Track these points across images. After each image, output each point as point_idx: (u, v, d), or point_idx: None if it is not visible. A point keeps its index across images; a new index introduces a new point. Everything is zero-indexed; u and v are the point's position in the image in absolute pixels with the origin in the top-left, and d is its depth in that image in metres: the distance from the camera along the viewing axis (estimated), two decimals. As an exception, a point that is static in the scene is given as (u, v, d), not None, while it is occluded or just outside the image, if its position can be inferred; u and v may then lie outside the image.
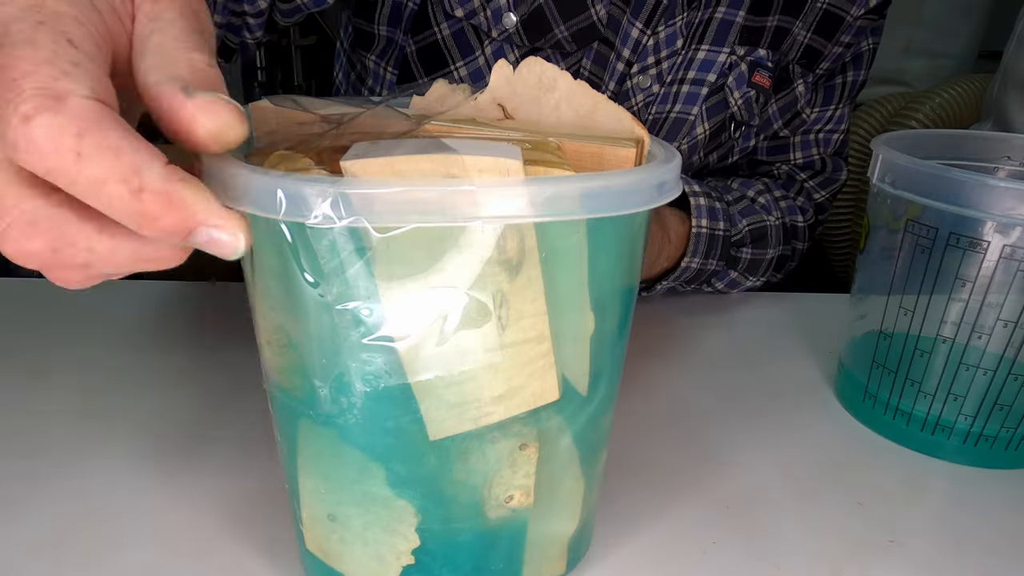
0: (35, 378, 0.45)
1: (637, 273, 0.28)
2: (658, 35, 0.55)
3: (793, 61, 0.61)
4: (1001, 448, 0.41)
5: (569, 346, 0.25)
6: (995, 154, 0.49)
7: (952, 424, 0.41)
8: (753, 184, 0.64)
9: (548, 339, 0.24)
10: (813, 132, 0.65)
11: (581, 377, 0.26)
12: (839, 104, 0.64)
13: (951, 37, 1.33)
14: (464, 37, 0.54)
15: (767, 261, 0.62)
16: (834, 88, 0.64)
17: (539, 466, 0.26)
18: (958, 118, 1.07)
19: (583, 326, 0.25)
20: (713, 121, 0.60)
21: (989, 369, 0.39)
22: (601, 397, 0.28)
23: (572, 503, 0.30)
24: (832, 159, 0.66)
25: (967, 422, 0.41)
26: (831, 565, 0.33)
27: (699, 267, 0.58)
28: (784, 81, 0.62)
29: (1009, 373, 0.39)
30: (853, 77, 0.64)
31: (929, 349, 0.41)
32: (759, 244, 0.61)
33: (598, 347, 0.26)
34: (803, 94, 0.62)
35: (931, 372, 0.41)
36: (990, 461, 0.42)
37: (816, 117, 0.64)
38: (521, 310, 0.23)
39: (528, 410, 0.25)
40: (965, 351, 0.40)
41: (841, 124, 0.65)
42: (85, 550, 0.32)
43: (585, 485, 0.30)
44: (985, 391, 0.40)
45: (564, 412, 0.26)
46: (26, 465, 0.37)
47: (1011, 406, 0.40)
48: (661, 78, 0.57)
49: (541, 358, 0.24)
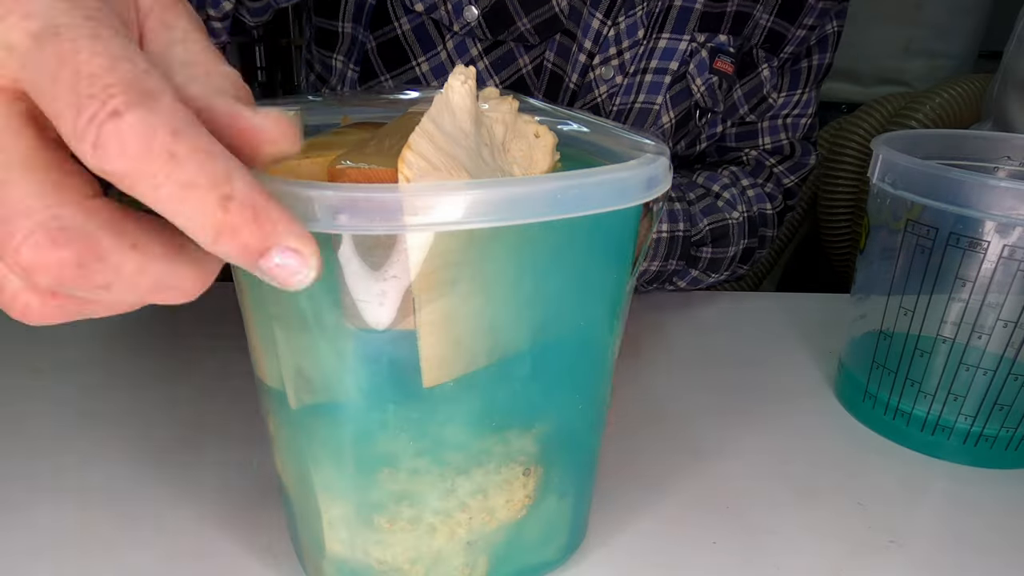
0: (35, 378, 0.45)
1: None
2: (619, 25, 0.55)
3: (756, 45, 0.61)
4: (1001, 448, 0.41)
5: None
6: (995, 154, 0.49)
7: (952, 424, 0.41)
8: (719, 177, 0.64)
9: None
10: (781, 117, 0.65)
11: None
12: (806, 88, 0.64)
13: (951, 37, 1.33)
14: (425, 32, 0.54)
15: (728, 259, 0.63)
16: (800, 72, 0.64)
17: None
18: (958, 118, 1.07)
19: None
20: (678, 109, 0.59)
21: (989, 369, 0.39)
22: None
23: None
24: (801, 143, 0.66)
25: (967, 422, 0.41)
26: (831, 565, 0.33)
27: (659, 268, 0.59)
28: (748, 66, 0.62)
29: (1009, 373, 0.39)
30: (819, 60, 0.64)
31: (929, 349, 0.41)
32: (720, 243, 0.61)
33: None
34: (768, 78, 0.62)
35: (931, 372, 0.41)
36: (990, 461, 0.42)
37: (783, 102, 0.64)
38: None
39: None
40: (965, 351, 0.40)
41: (809, 108, 0.65)
42: (85, 550, 0.32)
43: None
44: (985, 391, 0.40)
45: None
46: (26, 465, 0.37)
47: (1011, 406, 0.40)
48: (624, 69, 0.57)
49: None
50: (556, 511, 0.30)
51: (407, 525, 0.26)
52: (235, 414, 0.42)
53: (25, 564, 0.31)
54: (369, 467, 0.25)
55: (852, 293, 0.48)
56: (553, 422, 0.27)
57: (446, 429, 0.25)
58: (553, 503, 0.30)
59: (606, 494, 0.37)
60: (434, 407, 0.25)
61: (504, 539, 0.29)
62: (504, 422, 0.26)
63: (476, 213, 0.20)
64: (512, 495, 0.28)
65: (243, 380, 0.45)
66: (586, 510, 0.33)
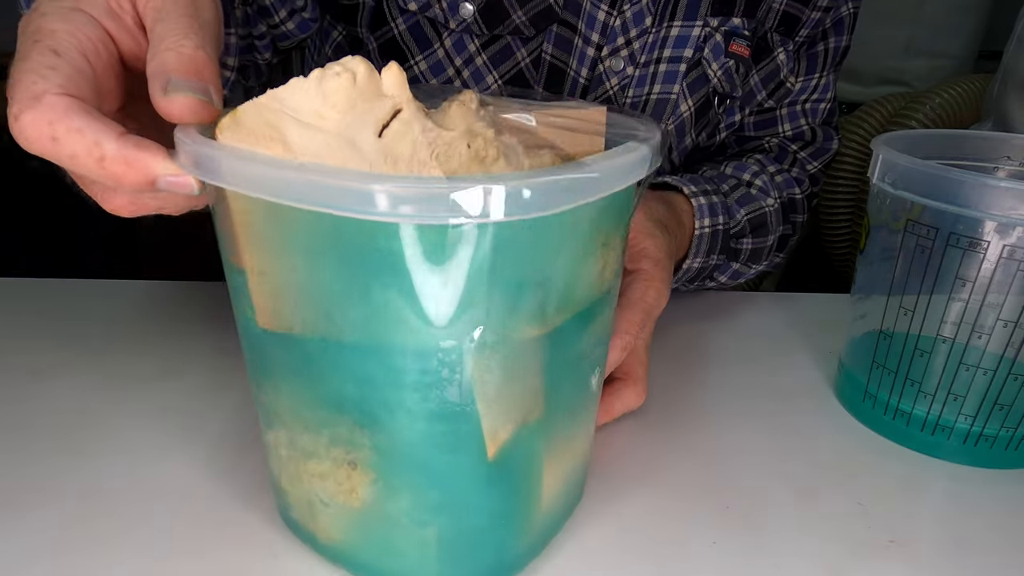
0: (35, 378, 0.45)
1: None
2: (624, 14, 0.54)
3: (771, 29, 0.60)
4: (1001, 448, 0.41)
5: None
6: (995, 154, 0.49)
7: (952, 424, 0.41)
8: (748, 166, 0.63)
9: None
10: (799, 103, 0.64)
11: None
12: (823, 72, 0.63)
13: (951, 37, 1.33)
14: (421, 31, 0.54)
15: (768, 248, 0.61)
16: (817, 55, 0.63)
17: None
18: (958, 118, 1.07)
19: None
20: (696, 97, 0.59)
21: (989, 369, 0.39)
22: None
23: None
24: (822, 128, 0.65)
25: (967, 422, 0.41)
26: (831, 565, 0.33)
27: (701, 265, 0.58)
28: (764, 51, 0.61)
29: (1009, 373, 0.39)
30: (835, 43, 0.63)
31: (929, 349, 0.41)
32: (759, 232, 0.60)
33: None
34: (785, 62, 0.61)
35: (931, 372, 0.41)
36: (990, 461, 0.42)
37: (801, 87, 0.63)
38: None
39: None
40: (965, 351, 0.40)
41: (827, 93, 0.64)
42: (85, 550, 0.32)
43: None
44: (985, 391, 0.40)
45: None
46: (26, 465, 0.37)
47: (1011, 406, 0.40)
48: (634, 59, 0.56)
49: None
50: (408, 536, 0.28)
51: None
52: (237, 413, 0.42)
53: (25, 564, 0.31)
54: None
55: (852, 293, 0.48)
56: (383, 428, 0.26)
57: (281, 384, 0.28)
58: (402, 523, 0.28)
59: (604, 493, 0.37)
60: (263, 350, 0.28)
61: (360, 525, 0.29)
62: (329, 402, 0.26)
63: (269, 189, 0.22)
64: (339, 483, 0.28)
65: (244, 383, 0.45)
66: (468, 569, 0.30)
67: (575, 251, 0.26)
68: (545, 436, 0.29)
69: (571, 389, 0.30)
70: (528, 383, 0.26)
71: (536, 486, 0.30)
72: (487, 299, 0.23)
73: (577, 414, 0.31)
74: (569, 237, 0.25)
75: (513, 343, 0.25)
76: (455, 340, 0.24)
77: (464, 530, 0.28)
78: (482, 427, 0.26)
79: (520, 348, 0.25)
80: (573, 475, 0.33)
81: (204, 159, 0.23)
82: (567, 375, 0.29)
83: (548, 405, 0.28)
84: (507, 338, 0.25)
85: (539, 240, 0.24)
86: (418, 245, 0.22)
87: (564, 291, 0.26)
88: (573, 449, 0.32)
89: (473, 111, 0.26)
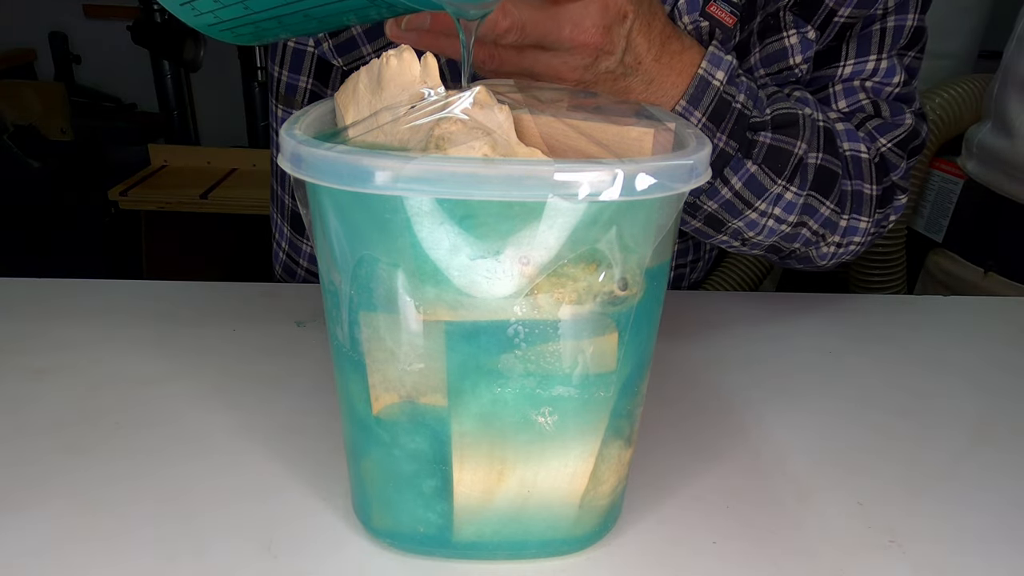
0: (35, 378, 0.45)
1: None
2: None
3: (785, 7, 0.54)
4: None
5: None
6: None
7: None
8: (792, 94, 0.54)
9: None
10: (856, 80, 0.57)
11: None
12: (880, 54, 0.56)
13: (951, 37, 1.33)
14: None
15: (796, 157, 0.50)
16: (870, 36, 0.56)
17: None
18: (958, 118, 1.07)
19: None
20: None
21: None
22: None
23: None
24: (891, 104, 0.57)
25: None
26: (831, 565, 0.33)
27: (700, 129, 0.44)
28: (772, 28, 0.55)
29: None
30: (897, 23, 0.56)
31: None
32: (783, 131, 0.49)
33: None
34: (797, 47, 0.55)
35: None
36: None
37: (853, 70, 0.57)
38: None
39: None
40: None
41: (893, 77, 0.57)
42: (85, 550, 0.32)
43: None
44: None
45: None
46: (26, 466, 0.37)
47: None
48: None
49: None
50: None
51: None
52: (237, 412, 0.42)
53: (25, 563, 0.31)
54: None
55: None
56: None
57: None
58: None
59: (606, 494, 0.37)
60: None
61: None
62: None
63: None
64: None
65: (244, 380, 0.45)
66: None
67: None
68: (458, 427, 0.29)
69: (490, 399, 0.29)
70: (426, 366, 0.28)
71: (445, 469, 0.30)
72: None
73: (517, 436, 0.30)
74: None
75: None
76: None
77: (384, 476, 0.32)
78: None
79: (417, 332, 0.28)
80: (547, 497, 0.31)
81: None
82: (483, 384, 0.29)
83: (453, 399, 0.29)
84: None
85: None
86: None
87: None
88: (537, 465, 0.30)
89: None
